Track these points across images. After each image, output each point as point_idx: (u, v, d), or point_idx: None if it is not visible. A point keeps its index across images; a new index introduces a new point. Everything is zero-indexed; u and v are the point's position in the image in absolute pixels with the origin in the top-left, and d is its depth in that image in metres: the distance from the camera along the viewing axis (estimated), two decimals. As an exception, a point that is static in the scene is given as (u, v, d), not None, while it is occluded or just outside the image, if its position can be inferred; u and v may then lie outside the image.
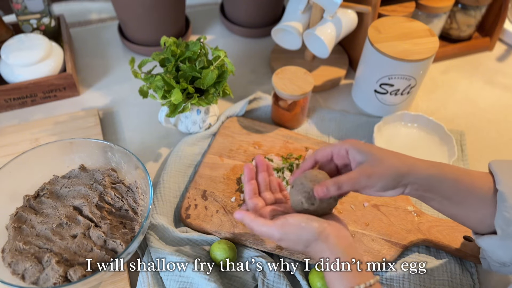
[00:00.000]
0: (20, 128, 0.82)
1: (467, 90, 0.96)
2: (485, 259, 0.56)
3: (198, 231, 0.68)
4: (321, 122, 0.87)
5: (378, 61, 0.79)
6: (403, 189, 0.52)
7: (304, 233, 0.50)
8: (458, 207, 0.52)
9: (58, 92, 0.88)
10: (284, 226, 0.50)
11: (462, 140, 0.84)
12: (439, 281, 0.64)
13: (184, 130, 0.82)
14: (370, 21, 0.84)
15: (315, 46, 0.87)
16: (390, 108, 0.86)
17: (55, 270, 0.57)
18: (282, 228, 0.50)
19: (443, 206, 0.53)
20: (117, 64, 0.98)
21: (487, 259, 0.55)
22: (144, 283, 0.62)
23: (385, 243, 0.66)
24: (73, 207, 0.65)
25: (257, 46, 1.04)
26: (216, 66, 0.73)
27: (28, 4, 0.90)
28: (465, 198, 0.51)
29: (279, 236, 0.50)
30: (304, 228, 0.50)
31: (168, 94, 0.71)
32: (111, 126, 0.86)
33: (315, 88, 0.91)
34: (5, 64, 0.85)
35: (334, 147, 0.55)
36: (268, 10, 1.02)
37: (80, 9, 1.11)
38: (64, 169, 0.71)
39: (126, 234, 0.63)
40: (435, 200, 0.52)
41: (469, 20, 0.98)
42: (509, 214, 0.48)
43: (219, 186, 0.73)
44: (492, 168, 0.52)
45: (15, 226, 0.62)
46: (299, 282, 0.64)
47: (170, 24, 0.95)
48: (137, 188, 0.68)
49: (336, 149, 0.54)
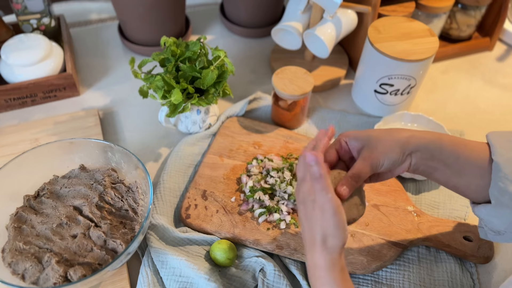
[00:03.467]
0: (20, 128, 0.82)
1: (467, 90, 0.96)
2: (483, 228, 0.56)
3: (198, 231, 0.68)
4: (321, 122, 0.87)
5: (378, 61, 0.79)
6: (410, 160, 0.53)
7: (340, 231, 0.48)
8: (459, 176, 0.52)
9: (58, 92, 0.88)
10: (339, 208, 0.47)
11: (462, 140, 0.84)
12: (439, 281, 0.64)
13: (184, 130, 0.82)
14: (370, 21, 0.84)
15: (315, 46, 0.87)
16: (390, 108, 0.86)
17: (55, 270, 0.57)
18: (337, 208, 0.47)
19: (445, 176, 0.53)
20: (117, 64, 0.98)
21: (484, 228, 0.56)
22: (144, 283, 0.62)
23: (385, 243, 0.66)
24: (73, 207, 0.65)
25: (257, 46, 1.04)
26: (216, 66, 0.73)
27: (28, 4, 0.90)
28: (465, 167, 0.52)
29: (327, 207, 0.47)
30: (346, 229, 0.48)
31: (168, 94, 0.71)
32: (111, 126, 0.86)
33: (315, 88, 0.91)
34: (5, 64, 0.85)
35: (335, 144, 0.56)
36: (268, 10, 1.02)
37: (80, 9, 1.11)
38: (64, 169, 0.71)
39: (126, 234, 0.63)
40: (438, 169, 0.53)
41: (469, 20, 0.98)
42: (503, 184, 0.49)
43: (219, 186, 0.73)
44: (489, 139, 0.53)
45: (15, 226, 0.62)
46: (299, 282, 0.64)
47: (170, 24, 0.95)
48: (137, 188, 0.68)
49: (337, 145, 0.56)
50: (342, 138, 0.55)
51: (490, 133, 0.54)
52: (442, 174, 0.53)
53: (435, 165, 0.53)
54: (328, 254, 0.48)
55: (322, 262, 0.48)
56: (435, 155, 0.52)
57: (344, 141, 0.55)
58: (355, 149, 0.54)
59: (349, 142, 0.55)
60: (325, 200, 0.47)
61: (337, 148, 0.56)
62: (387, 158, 0.52)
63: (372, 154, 0.52)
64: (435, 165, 0.53)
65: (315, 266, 0.49)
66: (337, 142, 0.56)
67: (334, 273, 0.48)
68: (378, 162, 0.52)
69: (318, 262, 0.48)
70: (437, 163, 0.53)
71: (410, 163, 0.53)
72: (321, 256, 0.48)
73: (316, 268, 0.49)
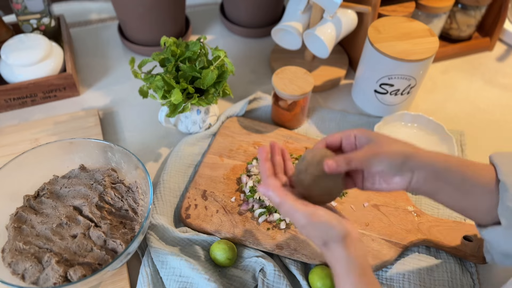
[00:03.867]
0: (20, 128, 0.82)
1: (467, 90, 0.96)
2: (489, 252, 0.55)
3: (198, 231, 0.68)
4: (321, 122, 0.87)
5: (378, 61, 0.79)
6: (411, 176, 0.51)
7: (329, 231, 0.49)
8: (466, 198, 0.52)
9: (58, 92, 0.88)
10: (314, 216, 0.49)
11: (462, 140, 0.84)
12: (439, 281, 0.64)
13: (184, 130, 0.82)
14: (370, 21, 0.84)
15: (315, 46, 0.87)
16: (390, 108, 0.86)
17: (55, 270, 0.57)
18: (311, 217, 0.49)
19: (451, 199, 0.52)
20: (117, 64, 0.98)
21: (490, 252, 0.55)
22: (144, 283, 0.62)
23: (385, 243, 0.66)
24: (73, 207, 0.65)
25: (257, 46, 1.04)
26: (216, 66, 0.73)
27: (28, 4, 0.90)
28: (471, 189, 0.51)
29: (304, 223, 0.50)
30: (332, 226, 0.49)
31: (168, 94, 0.71)
32: (111, 126, 0.86)
33: (315, 88, 0.91)
34: (5, 64, 0.85)
35: (343, 133, 0.55)
36: (268, 10, 1.02)
37: (80, 9, 1.11)
38: (64, 169, 0.71)
39: (126, 234, 0.63)
40: (444, 191, 0.52)
41: (469, 20, 0.98)
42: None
43: (219, 186, 0.73)
44: (493, 160, 0.52)
45: (15, 226, 0.62)
46: (299, 282, 0.64)
47: (170, 24, 0.95)
48: (137, 188, 0.68)
49: (345, 134, 0.55)
50: (353, 131, 0.55)
51: (492, 154, 0.53)
52: (447, 195, 0.52)
53: (440, 186, 0.52)
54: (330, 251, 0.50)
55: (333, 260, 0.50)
56: (441, 176, 0.51)
57: (353, 135, 0.55)
58: (361, 144, 0.54)
59: (357, 136, 0.54)
60: (299, 218, 0.50)
61: (343, 138, 0.55)
62: (386, 159, 0.51)
63: (374, 149, 0.52)
64: (440, 186, 0.52)
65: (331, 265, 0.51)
66: (346, 132, 0.55)
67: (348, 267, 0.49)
68: (376, 159, 0.51)
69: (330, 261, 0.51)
70: (443, 184, 0.51)
71: (410, 181, 0.52)
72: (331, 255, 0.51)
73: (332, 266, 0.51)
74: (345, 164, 0.51)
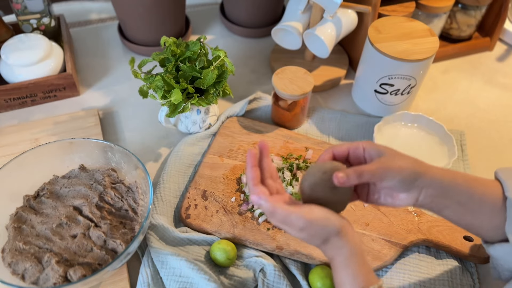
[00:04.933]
0: (20, 128, 0.82)
1: (467, 90, 0.96)
2: (495, 269, 0.54)
3: (198, 231, 0.68)
4: (321, 122, 0.87)
5: (378, 61, 0.79)
6: (418, 193, 0.50)
7: (329, 225, 0.48)
8: (473, 215, 0.51)
9: (58, 92, 0.88)
10: (310, 213, 0.48)
11: (462, 140, 0.84)
12: (439, 281, 0.64)
13: (184, 130, 0.82)
14: (370, 21, 0.84)
15: (315, 46, 0.87)
16: (390, 108, 0.86)
17: (55, 270, 0.57)
18: (307, 215, 0.48)
19: (458, 215, 0.52)
20: (117, 64, 0.98)
21: (497, 268, 0.54)
22: (144, 283, 0.62)
23: (385, 243, 0.66)
24: (73, 207, 0.65)
25: (257, 46, 1.04)
26: (216, 66, 0.73)
27: (28, 4, 0.90)
28: (479, 205, 0.51)
29: (303, 224, 0.48)
30: (330, 220, 0.48)
31: (168, 94, 0.71)
32: (111, 126, 0.86)
33: (315, 88, 0.91)
34: (5, 64, 0.85)
35: (351, 144, 0.54)
36: (268, 10, 1.02)
37: (80, 9, 1.11)
38: (64, 169, 0.71)
39: (126, 234, 0.63)
40: (450, 208, 0.51)
41: (469, 20, 0.98)
42: None
43: (219, 186, 0.73)
44: (499, 176, 0.52)
45: (15, 226, 0.62)
46: (299, 282, 0.64)
47: (170, 24, 0.95)
48: (137, 188, 0.68)
49: (353, 146, 0.53)
50: (362, 143, 0.53)
51: (498, 169, 0.53)
52: (453, 212, 0.52)
53: (447, 204, 0.51)
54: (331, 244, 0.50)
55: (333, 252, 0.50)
56: (448, 193, 0.50)
57: (362, 147, 0.53)
58: (371, 157, 0.52)
59: (367, 148, 0.52)
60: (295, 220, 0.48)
61: (351, 149, 0.53)
62: (398, 175, 0.49)
63: (386, 163, 0.50)
64: (447, 203, 0.51)
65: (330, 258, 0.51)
66: (354, 144, 0.53)
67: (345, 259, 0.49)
68: (388, 172, 0.49)
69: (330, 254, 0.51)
70: (449, 202, 0.51)
71: (417, 198, 0.51)
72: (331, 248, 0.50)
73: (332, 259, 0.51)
74: (356, 177, 0.49)
